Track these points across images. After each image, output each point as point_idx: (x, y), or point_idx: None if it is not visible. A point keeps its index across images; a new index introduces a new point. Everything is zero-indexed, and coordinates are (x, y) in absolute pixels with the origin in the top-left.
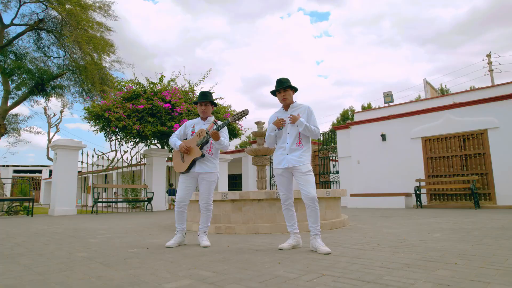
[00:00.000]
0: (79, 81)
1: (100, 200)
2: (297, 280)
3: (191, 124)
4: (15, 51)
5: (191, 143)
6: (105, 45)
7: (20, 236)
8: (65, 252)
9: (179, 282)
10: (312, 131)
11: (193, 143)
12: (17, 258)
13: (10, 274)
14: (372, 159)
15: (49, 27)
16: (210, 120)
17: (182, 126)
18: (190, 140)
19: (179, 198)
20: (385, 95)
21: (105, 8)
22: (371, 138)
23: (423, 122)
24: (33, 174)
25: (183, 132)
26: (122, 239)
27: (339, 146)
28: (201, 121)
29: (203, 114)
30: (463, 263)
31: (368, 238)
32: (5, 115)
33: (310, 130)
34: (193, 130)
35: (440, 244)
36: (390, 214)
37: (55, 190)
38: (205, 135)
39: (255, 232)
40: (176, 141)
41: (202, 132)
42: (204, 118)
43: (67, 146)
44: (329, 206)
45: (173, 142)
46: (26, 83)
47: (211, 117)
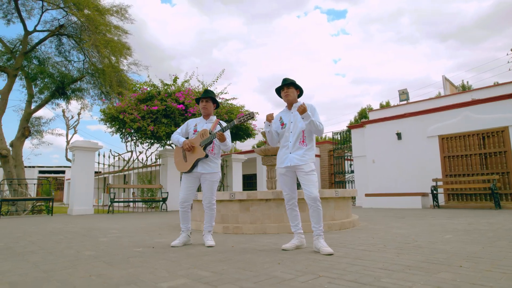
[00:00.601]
0: (98, 84)
1: (116, 200)
2: (293, 281)
3: (193, 123)
4: (38, 56)
5: (194, 142)
6: (122, 48)
7: (36, 235)
8: (74, 250)
9: (175, 282)
10: (317, 126)
11: (196, 142)
12: (27, 256)
13: (17, 271)
14: (388, 158)
15: (70, 32)
16: (213, 120)
17: (184, 124)
18: (193, 139)
19: (182, 198)
20: (400, 93)
21: (122, 12)
22: (386, 137)
23: (440, 120)
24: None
25: (185, 130)
26: (130, 239)
27: (354, 145)
28: (203, 120)
29: (204, 111)
30: (469, 266)
31: (376, 239)
32: (29, 118)
33: (315, 124)
34: (195, 128)
35: (449, 246)
36: (404, 214)
37: (73, 190)
38: (209, 136)
39: (263, 232)
40: (179, 138)
41: (206, 132)
42: (206, 116)
43: (84, 148)
44: (338, 206)
45: (176, 139)
46: (48, 87)
47: (213, 116)
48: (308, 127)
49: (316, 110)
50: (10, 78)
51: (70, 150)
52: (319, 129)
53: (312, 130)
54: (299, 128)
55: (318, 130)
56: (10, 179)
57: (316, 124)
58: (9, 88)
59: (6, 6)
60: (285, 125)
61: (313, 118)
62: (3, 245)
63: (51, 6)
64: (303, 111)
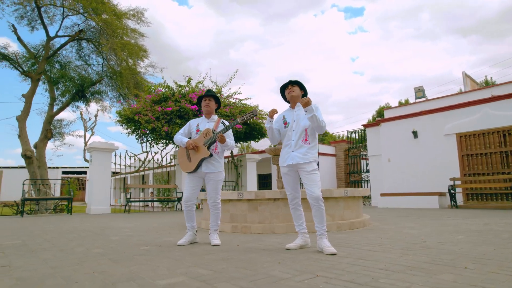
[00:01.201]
0: (116, 86)
1: (132, 200)
2: (289, 280)
3: (195, 123)
4: (60, 61)
5: (198, 142)
6: (139, 51)
7: (52, 233)
8: (84, 248)
9: (173, 279)
10: (319, 121)
11: (200, 142)
12: (40, 253)
13: (27, 267)
14: (403, 157)
15: (89, 36)
16: (214, 119)
17: (186, 124)
18: (196, 139)
19: (186, 198)
20: (416, 90)
21: (138, 15)
22: (402, 135)
23: (457, 117)
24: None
25: (188, 131)
26: (140, 237)
27: (369, 144)
28: (205, 119)
29: (206, 109)
30: (474, 268)
31: (384, 239)
32: (51, 121)
33: (317, 120)
34: (198, 128)
35: (458, 247)
36: (419, 214)
37: (91, 190)
38: (212, 135)
39: (271, 232)
40: (182, 138)
41: (209, 132)
42: (208, 115)
43: (101, 148)
44: (348, 206)
45: (178, 140)
46: (69, 90)
47: (215, 115)
48: (311, 121)
49: (319, 109)
50: (33, 82)
51: (88, 151)
52: (321, 126)
53: (314, 126)
54: (302, 126)
55: (320, 127)
56: (34, 179)
57: (318, 119)
58: (33, 92)
59: (30, 14)
60: (288, 124)
61: (316, 113)
62: (21, 242)
63: (71, 12)
64: (307, 104)
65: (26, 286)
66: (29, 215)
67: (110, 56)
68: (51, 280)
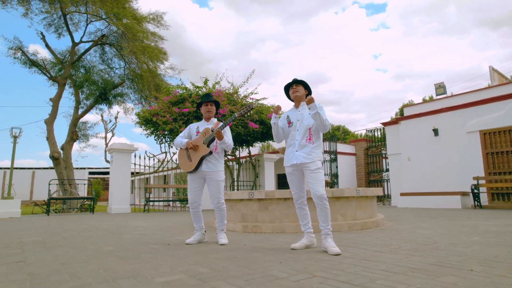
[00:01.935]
0: (137, 89)
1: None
2: (284, 280)
3: (195, 126)
4: (85, 65)
5: (198, 141)
6: (159, 53)
7: (71, 231)
8: (96, 246)
9: (171, 277)
10: (322, 120)
11: (200, 141)
12: (54, 250)
13: (39, 263)
14: (424, 155)
15: (111, 41)
16: (214, 121)
17: (186, 128)
18: (196, 139)
19: (191, 200)
20: (437, 86)
21: (157, 19)
22: (422, 133)
23: (481, 114)
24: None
25: (188, 134)
26: (152, 236)
27: (388, 143)
28: (204, 123)
29: (208, 114)
30: (481, 270)
31: (394, 240)
32: (76, 123)
33: (321, 118)
34: (198, 131)
35: (470, 248)
36: (439, 214)
37: (111, 190)
38: (211, 133)
39: (281, 231)
40: (182, 140)
41: (208, 130)
42: (207, 119)
43: (120, 149)
44: (360, 205)
45: (178, 141)
46: (93, 93)
47: (214, 118)
48: (314, 119)
49: (323, 108)
50: (60, 86)
51: (109, 152)
52: (325, 124)
53: (318, 124)
54: (306, 125)
55: (323, 125)
56: (61, 179)
57: (322, 117)
58: (60, 96)
59: (57, 22)
60: (292, 124)
61: (319, 116)
62: (40, 239)
63: (94, 18)
64: (310, 101)
65: (33, 281)
66: (57, 213)
67: (131, 59)
68: (57, 276)
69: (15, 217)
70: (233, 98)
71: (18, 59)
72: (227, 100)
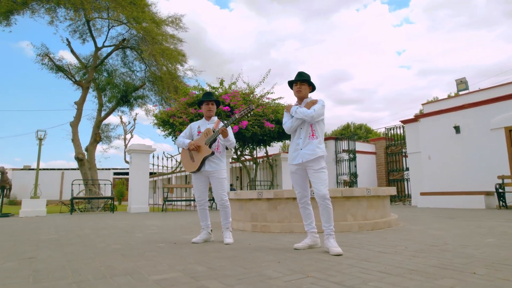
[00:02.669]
0: (157, 91)
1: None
2: (276, 280)
3: (196, 125)
4: (107, 69)
5: (200, 142)
6: (177, 55)
7: (87, 229)
8: (105, 244)
9: (167, 275)
10: (303, 113)
11: (202, 142)
12: (66, 247)
13: (48, 260)
14: (445, 154)
15: (132, 44)
16: (214, 120)
17: (187, 127)
18: (198, 139)
19: (197, 198)
20: (458, 82)
21: (176, 21)
22: (442, 131)
23: (507, 110)
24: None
25: (189, 133)
26: (162, 235)
27: (408, 141)
28: (205, 122)
29: (209, 113)
30: (485, 273)
31: (403, 240)
32: (99, 125)
33: (301, 112)
34: (199, 130)
35: (480, 250)
36: (458, 215)
37: (131, 190)
38: (213, 134)
39: (290, 231)
40: (184, 140)
41: (209, 131)
42: (208, 118)
43: (139, 150)
44: (372, 205)
45: (181, 142)
46: (115, 96)
47: (215, 117)
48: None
49: (320, 103)
50: (84, 90)
51: (128, 153)
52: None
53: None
54: (307, 122)
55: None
56: (85, 179)
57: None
58: (83, 99)
59: (81, 28)
60: None
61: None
62: (56, 237)
63: (116, 23)
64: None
65: (37, 276)
66: (82, 212)
67: (151, 62)
68: (60, 272)
69: (41, 215)
70: (249, 98)
71: (45, 65)
72: (243, 100)
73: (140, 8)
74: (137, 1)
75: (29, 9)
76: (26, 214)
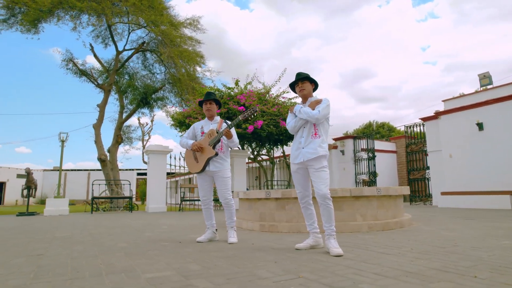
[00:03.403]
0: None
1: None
2: (266, 280)
3: (199, 126)
4: (129, 72)
5: (203, 143)
6: (195, 57)
7: (101, 228)
8: (113, 242)
9: (160, 273)
10: (307, 113)
11: (205, 143)
12: (75, 245)
13: (54, 257)
14: (467, 152)
15: (151, 47)
16: (217, 120)
17: (191, 128)
18: (202, 141)
19: (202, 197)
20: (481, 77)
21: (194, 23)
22: (464, 128)
23: None
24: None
25: (192, 134)
26: (171, 234)
27: (428, 139)
28: (208, 122)
29: (208, 113)
30: (487, 277)
31: (411, 241)
32: (121, 127)
33: (305, 112)
34: (202, 131)
35: (490, 253)
36: (480, 215)
37: (148, 189)
38: (216, 135)
39: (297, 231)
40: (187, 141)
41: (213, 132)
42: (210, 118)
43: (156, 151)
44: (382, 205)
45: (184, 143)
46: (136, 98)
47: (217, 116)
48: (301, 116)
49: (324, 102)
50: (106, 93)
51: (146, 154)
52: (310, 115)
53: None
54: (311, 121)
55: (310, 117)
56: (108, 180)
57: (305, 111)
58: (105, 101)
59: (103, 33)
60: None
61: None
62: (70, 235)
63: (136, 26)
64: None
65: (38, 272)
66: (105, 212)
67: (171, 64)
68: (61, 269)
69: (63, 214)
70: (265, 98)
71: (70, 70)
72: (258, 100)
73: (159, 11)
74: (155, 4)
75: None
76: (50, 213)
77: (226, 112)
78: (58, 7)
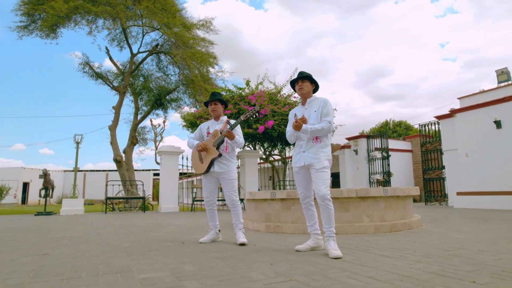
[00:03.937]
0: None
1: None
2: (257, 282)
3: (205, 126)
4: (143, 74)
5: (207, 144)
6: (208, 58)
7: (110, 227)
8: (118, 242)
9: (154, 274)
10: (320, 130)
11: (209, 143)
12: (82, 244)
13: (58, 256)
14: (484, 150)
15: (165, 49)
16: (223, 120)
17: (197, 129)
18: (206, 141)
19: (206, 199)
20: (499, 73)
21: (207, 24)
22: (481, 126)
23: None
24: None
25: (199, 135)
26: (175, 234)
27: (443, 138)
28: (214, 122)
29: (214, 113)
30: (486, 282)
31: (416, 244)
32: (136, 128)
33: (317, 130)
34: (208, 131)
35: (497, 257)
36: (495, 216)
37: (161, 190)
38: (220, 136)
39: (302, 232)
40: (193, 141)
41: (217, 133)
42: (216, 118)
43: (168, 152)
44: (390, 206)
45: (190, 143)
46: (150, 99)
47: (224, 116)
48: (312, 135)
49: (328, 105)
50: (121, 95)
51: (158, 155)
52: (324, 131)
53: (318, 135)
54: (312, 124)
55: (323, 133)
56: (123, 180)
57: (317, 129)
58: (121, 103)
59: (118, 36)
60: None
61: (310, 126)
62: (79, 234)
63: (150, 29)
64: (297, 128)
65: (39, 271)
66: (121, 211)
67: (184, 66)
68: (61, 268)
69: (79, 214)
70: (276, 98)
71: (86, 73)
72: (269, 100)
73: (171, 13)
74: (168, 7)
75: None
76: (66, 213)
77: (237, 112)
78: (75, 12)
